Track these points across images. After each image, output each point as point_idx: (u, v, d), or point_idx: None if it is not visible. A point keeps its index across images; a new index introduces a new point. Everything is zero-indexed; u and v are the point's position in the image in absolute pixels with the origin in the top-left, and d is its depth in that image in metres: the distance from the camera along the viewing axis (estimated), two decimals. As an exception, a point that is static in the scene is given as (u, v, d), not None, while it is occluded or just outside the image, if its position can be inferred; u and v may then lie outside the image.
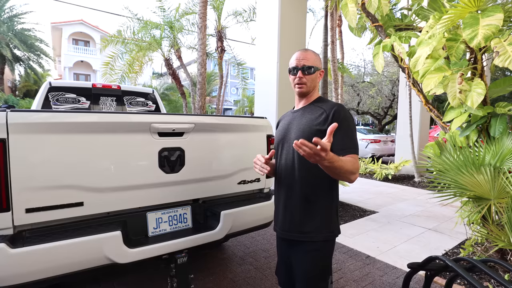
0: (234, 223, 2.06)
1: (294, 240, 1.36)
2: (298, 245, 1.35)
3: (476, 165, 2.34)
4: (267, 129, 2.38)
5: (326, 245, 1.34)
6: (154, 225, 1.86)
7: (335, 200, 1.38)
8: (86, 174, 1.61)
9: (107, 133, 1.67)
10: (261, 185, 2.37)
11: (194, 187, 2.01)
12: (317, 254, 1.32)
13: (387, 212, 4.51)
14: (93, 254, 1.56)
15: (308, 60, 1.38)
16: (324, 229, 1.32)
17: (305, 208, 1.33)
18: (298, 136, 1.33)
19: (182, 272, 1.80)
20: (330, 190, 1.35)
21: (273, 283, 2.47)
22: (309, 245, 1.32)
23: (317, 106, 1.38)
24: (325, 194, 1.34)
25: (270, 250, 3.14)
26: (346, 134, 1.27)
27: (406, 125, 7.17)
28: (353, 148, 1.26)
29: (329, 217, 1.34)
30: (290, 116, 1.49)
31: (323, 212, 1.34)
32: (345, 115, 1.30)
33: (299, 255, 1.34)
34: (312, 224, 1.32)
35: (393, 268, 2.72)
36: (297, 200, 1.35)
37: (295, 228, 1.35)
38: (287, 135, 1.42)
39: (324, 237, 1.32)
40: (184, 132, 1.93)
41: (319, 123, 1.31)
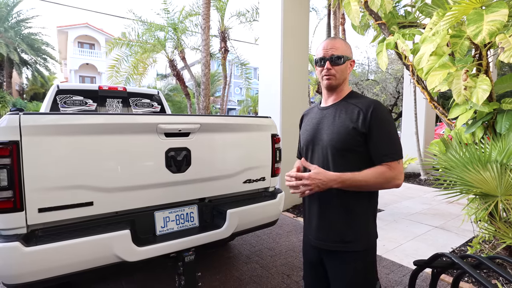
0: (240, 221, 2.08)
1: (332, 250, 1.25)
2: (337, 255, 1.25)
3: (482, 162, 2.33)
4: (271, 128, 2.40)
5: (369, 253, 1.26)
6: (161, 224, 1.89)
7: (374, 206, 1.30)
8: (96, 175, 1.64)
9: (115, 134, 1.70)
10: (266, 184, 2.38)
11: (200, 186, 2.03)
12: (360, 263, 1.23)
13: (393, 210, 4.50)
14: (103, 252, 1.60)
15: (337, 49, 1.24)
16: (365, 237, 1.24)
17: (344, 217, 1.22)
18: (333, 139, 1.21)
19: (189, 270, 1.83)
20: (368, 196, 1.24)
21: (279, 282, 2.49)
22: (351, 255, 1.22)
23: (351, 104, 1.24)
24: (363, 201, 1.23)
25: (275, 248, 3.16)
26: (384, 137, 1.16)
27: (411, 123, 7.12)
28: (393, 154, 1.14)
29: (367, 224, 1.25)
30: (318, 113, 1.33)
31: (363, 219, 1.24)
32: (383, 116, 1.18)
33: (341, 266, 1.24)
34: (352, 233, 1.22)
35: (400, 266, 2.71)
36: (335, 208, 1.23)
37: (334, 237, 1.24)
38: (318, 135, 1.28)
39: (366, 246, 1.24)
40: (190, 132, 1.95)
41: (356, 123, 1.17)
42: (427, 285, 2.32)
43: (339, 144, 1.19)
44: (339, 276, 1.25)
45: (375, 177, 1.12)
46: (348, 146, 1.18)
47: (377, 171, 1.13)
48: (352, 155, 1.19)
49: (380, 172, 1.12)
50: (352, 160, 1.19)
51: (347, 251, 1.22)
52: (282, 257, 2.95)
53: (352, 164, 1.18)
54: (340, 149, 1.19)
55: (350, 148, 1.18)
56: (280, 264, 2.81)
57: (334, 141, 1.20)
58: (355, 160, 1.19)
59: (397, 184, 1.14)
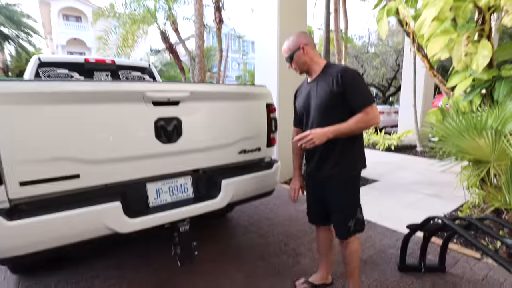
0: (235, 192, 2.07)
1: (327, 177, 1.65)
2: (335, 181, 1.63)
3: (478, 129, 2.31)
4: (266, 97, 2.33)
5: (357, 178, 1.68)
6: (154, 195, 1.87)
7: (360, 145, 1.67)
8: (81, 146, 1.57)
9: (99, 103, 1.62)
10: (262, 154, 2.35)
11: (193, 157, 1.99)
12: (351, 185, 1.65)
13: (388, 180, 4.55)
14: (94, 224, 1.59)
15: (285, 51, 1.68)
16: (353, 166, 1.64)
17: (336, 154, 1.61)
18: (318, 102, 1.61)
19: (185, 239, 1.83)
20: (354, 139, 1.61)
21: (276, 249, 2.54)
22: (341, 182, 1.63)
23: (326, 74, 1.61)
24: (349, 141, 1.59)
25: (273, 218, 3.20)
26: (354, 93, 1.51)
27: (410, 95, 7.04)
28: (364, 103, 1.50)
29: (355, 157, 1.64)
30: (307, 87, 1.74)
31: (350, 153, 1.61)
32: (351, 76, 1.53)
33: (338, 187, 1.64)
34: (343, 164, 1.61)
35: (393, 231, 2.77)
36: (328, 150, 1.61)
37: (329, 169, 1.63)
38: (309, 103, 1.68)
39: (354, 172, 1.65)
40: (180, 101, 1.88)
41: (332, 87, 1.54)
42: (419, 248, 2.38)
43: (324, 104, 1.58)
44: (336, 196, 1.65)
45: (356, 123, 1.49)
46: (331, 105, 1.56)
47: (357, 118, 1.50)
48: (335, 111, 1.56)
49: (358, 118, 1.49)
50: (336, 115, 1.54)
51: (339, 178, 1.63)
52: (279, 226, 3.00)
53: (338, 118, 1.53)
54: (325, 108, 1.58)
55: (332, 106, 1.56)
56: (278, 232, 2.86)
57: (320, 103, 1.60)
58: (339, 114, 1.54)
59: (376, 122, 1.51)
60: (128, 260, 2.43)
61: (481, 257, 2.24)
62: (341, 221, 1.65)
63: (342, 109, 1.55)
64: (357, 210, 1.66)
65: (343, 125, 1.49)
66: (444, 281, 2.02)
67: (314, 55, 1.67)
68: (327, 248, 1.94)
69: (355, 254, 1.71)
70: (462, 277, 2.06)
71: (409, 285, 1.99)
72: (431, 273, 2.09)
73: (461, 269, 2.15)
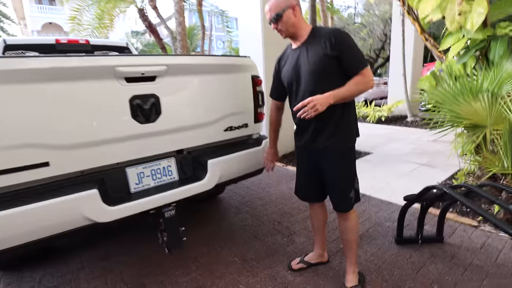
0: (223, 172, 1.95)
1: (322, 149, 1.55)
2: (330, 152, 1.54)
3: (473, 92, 2.21)
4: (251, 69, 2.16)
5: (353, 149, 1.59)
6: (136, 180, 1.74)
7: (354, 114, 1.59)
8: (47, 131, 1.41)
9: (65, 81, 1.44)
10: (249, 131, 2.22)
11: (176, 137, 1.85)
12: (347, 156, 1.57)
13: (380, 152, 4.51)
14: (70, 215, 1.45)
15: (272, 9, 1.48)
16: (349, 137, 1.55)
17: (331, 125, 1.50)
18: (311, 68, 1.46)
19: (171, 225, 1.72)
20: (347, 109, 1.52)
21: (270, 229, 2.47)
22: (337, 153, 1.54)
23: (317, 37, 1.47)
24: (342, 113, 1.50)
25: (266, 198, 3.13)
26: (350, 55, 1.41)
27: (399, 64, 6.91)
28: (360, 65, 1.41)
29: (350, 127, 1.55)
30: (293, 54, 1.57)
31: (345, 124, 1.53)
32: (345, 38, 1.42)
33: (330, 163, 1.56)
34: (341, 134, 1.52)
35: (388, 203, 2.73)
36: (324, 121, 1.49)
37: (324, 141, 1.53)
38: (299, 71, 1.52)
39: (350, 143, 1.57)
40: (156, 76, 1.70)
41: (326, 50, 1.41)
42: (415, 219, 2.34)
43: (317, 70, 1.44)
44: (334, 168, 1.56)
45: (356, 85, 1.41)
46: (325, 70, 1.43)
47: (355, 80, 1.41)
48: (330, 77, 1.44)
49: (357, 81, 1.41)
50: (332, 81, 1.42)
51: (339, 147, 1.53)
52: (272, 205, 2.92)
53: (334, 84, 1.41)
54: (319, 74, 1.45)
55: (327, 71, 1.43)
56: (271, 212, 2.79)
57: (313, 70, 1.45)
58: (334, 80, 1.42)
59: (372, 85, 1.44)
60: (116, 250, 2.33)
61: (478, 224, 2.21)
62: (342, 193, 1.58)
63: (337, 74, 1.44)
64: (355, 180, 1.61)
65: (343, 89, 1.39)
66: (443, 251, 1.98)
67: (302, 19, 1.53)
68: (321, 225, 1.86)
69: (356, 227, 1.67)
70: (460, 246, 2.03)
71: (407, 259, 1.94)
72: (429, 244, 2.05)
73: (459, 238, 2.12)
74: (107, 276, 2.03)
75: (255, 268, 1.98)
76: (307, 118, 1.36)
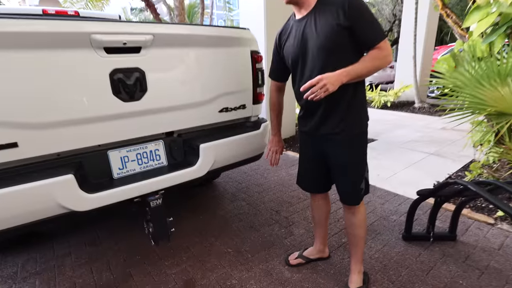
0: (217, 157, 1.77)
1: (331, 135, 1.36)
2: (335, 141, 1.37)
3: (501, 76, 1.97)
4: (250, 43, 1.92)
5: (364, 135, 1.40)
6: (119, 165, 1.56)
7: (364, 95, 1.39)
8: (13, 106, 1.22)
9: (31, 50, 1.23)
10: (247, 113, 2.01)
11: (164, 117, 1.65)
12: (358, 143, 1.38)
13: (386, 139, 4.30)
14: (42, 203, 1.29)
15: None
16: (359, 121, 1.36)
17: (342, 108, 1.31)
18: (321, 41, 1.23)
19: (158, 215, 1.56)
20: (359, 88, 1.34)
21: (267, 218, 2.32)
22: (348, 139, 1.35)
23: (326, 5, 1.25)
24: (354, 93, 1.31)
25: (263, 184, 2.96)
26: (366, 26, 1.20)
27: (409, 47, 6.54)
28: (377, 38, 1.20)
29: (362, 110, 1.38)
30: (297, 26, 1.33)
31: (357, 106, 1.34)
32: (360, 6, 1.20)
33: (339, 150, 1.37)
34: (349, 120, 1.33)
35: (395, 195, 2.56)
36: (334, 102, 1.30)
37: (334, 126, 1.34)
38: (305, 44, 1.30)
39: (361, 128, 1.38)
40: (142, 47, 1.48)
41: (338, 19, 1.19)
42: (424, 213, 2.18)
43: (328, 44, 1.22)
44: (343, 156, 1.37)
45: (372, 61, 1.20)
46: (337, 43, 1.22)
47: (371, 55, 1.21)
48: (343, 52, 1.23)
49: (374, 55, 1.21)
50: (343, 56, 1.23)
51: (350, 133, 1.34)
52: (270, 193, 2.76)
53: (346, 60, 1.20)
54: (330, 49, 1.23)
55: (338, 44, 1.22)
56: (269, 200, 2.63)
57: (323, 42, 1.23)
58: (347, 56, 1.23)
59: (389, 60, 1.22)
60: (104, 235, 2.20)
61: (494, 222, 2.03)
62: (352, 184, 1.40)
63: (350, 49, 1.23)
64: (365, 169, 1.43)
65: (357, 65, 1.18)
66: (456, 250, 1.81)
67: None
68: (324, 218, 1.69)
69: (364, 221, 1.50)
70: (475, 246, 1.84)
71: (416, 258, 1.78)
72: (440, 243, 1.88)
73: (473, 237, 1.93)
74: (93, 263, 1.90)
75: (249, 262, 1.84)
76: (316, 99, 1.15)
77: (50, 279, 1.78)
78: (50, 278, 1.79)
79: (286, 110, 1.88)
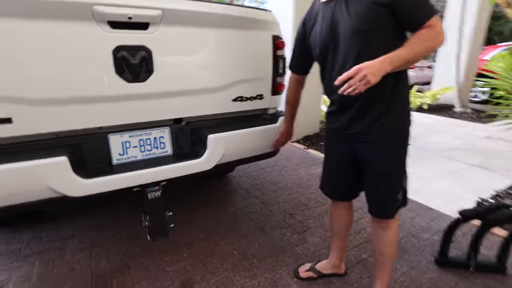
0: (226, 150, 1.61)
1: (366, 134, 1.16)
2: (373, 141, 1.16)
3: None
4: (272, 27, 1.73)
5: (406, 135, 1.19)
6: (119, 150, 1.44)
7: (406, 87, 1.17)
8: (7, 79, 1.14)
9: (30, 19, 1.13)
10: (265, 104, 1.82)
11: (171, 103, 1.51)
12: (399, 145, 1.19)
13: (421, 144, 3.91)
14: (30, 184, 1.20)
15: None
16: (400, 119, 1.16)
17: (383, 101, 1.11)
18: (355, 23, 1.04)
19: (155, 209, 1.43)
20: (403, 78, 1.13)
21: (279, 220, 2.14)
22: (390, 137, 1.16)
23: None
24: (396, 84, 1.11)
25: (280, 182, 2.77)
26: (410, 0, 0.98)
27: (453, 44, 5.87)
28: (425, 15, 0.98)
29: (405, 104, 1.17)
30: (324, 9, 1.15)
31: (399, 100, 1.14)
32: None
33: (377, 152, 1.17)
34: (391, 115, 1.13)
35: (427, 209, 2.26)
36: (372, 99, 1.11)
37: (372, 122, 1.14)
38: (336, 30, 1.10)
39: (405, 126, 1.18)
40: (150, 23, 1.35)
41: None
42: (463, 234, 1.87)
43: (364, 26, 1.03)
44: (378, 160, 1.17)
45: (421, 42, 0.99)
46: (374, 25, 1.03)
47: (420, 36, 0.99)
48: (380, 36, 1.04)
49: (423, 35, 0.99)
50: (382, 41, 1.03)
51: (390, 131, 1.15)
52: (286, 193, 2.57)
53: (386, 44, 1.01)
54: (366, 32, 1.04)
55: (376, 27, 1.03)
56: (283, 200, 2.44)
57: (357, 25, 1.04)
58: (385, 39, 1.03)
59: (442, 40, 1.01)
60: (109, 221, 2.14)
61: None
62: (387, 193, 1.20)
63: (391, 31, 1.03)
64: (404, 177, 1.23)
65: (403, 49, 0.98)
66: (505, 286, 1.49)
67: None
68: (343, 229, 1.48)
69: (395, 239, 1.31)
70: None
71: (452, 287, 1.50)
72: (484, 273, 1.56)
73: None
74: (93, 249, 1.85)
75: (254, 268, 1.67)
76: (354, 94, 0.96)
77: (49, 261, 1.74)
78: (50, 259, 1.75)
79: (310, 106, 1.69)
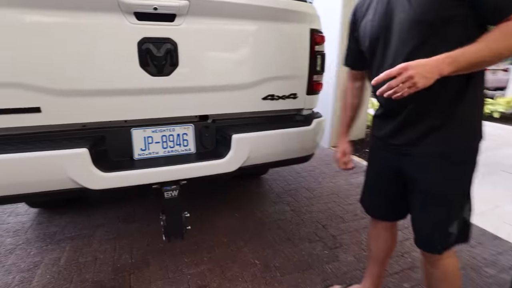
0: (252, 152, 1.48)
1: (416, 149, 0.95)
2: (424, 157, 0.95)
3: None
4: (312, 19, 1.56)
5: (474, 154, 0.95)
6: (141, 145, 1.41)
7: (480, 94, 0.92)
8: (37, 70, 1.17)
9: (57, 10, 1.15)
10: (298, 104, 1.66)
11: (196, 99, 1.44)
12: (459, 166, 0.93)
13: (488, 159, 3.35)
14: (51, 174, 1.21)
15: None
16: (465, 134, 0.92)
17: (440, 111, 0.89)
18: (415, 14, 0.84)
19: (172, 209, 1.37)
20: (473, 85, 0.87)
21: (310, 232, 1.95)
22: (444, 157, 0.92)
23: None
24: (462, 91, 0.87)
25: (315, 190, 2.57)
26: None
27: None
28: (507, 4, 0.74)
29: (474, 115, 0.92)
30: None
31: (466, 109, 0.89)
32: None
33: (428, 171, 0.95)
34: (449, 130, 0.90)
35: (494, 238, 1.87)
36: (425, 105, 0.90)
37: (424, 133, 0.93)
38: (389, 21, 0.92)
39: (471, 143, 0.94)
40: (176, 15, 1.28)
41: None
42: (539, 275, 1.49)
43: (428, 15, 0.82)
44: (429, 181, 0.95)
45: (505, 38, 0.73)
46: (440, 16, 0.81)
47: (499, 31, 0.75)
48: (446, 32, 0.81)
49: (504, 31, 0.74)
50: (447, 37, 0.81)
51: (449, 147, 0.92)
52: (321, 202, 2.36)
53: (448, 42, 0.79)
54: (428, 23, 0.83)
55: (443, 19, 0.81)
56: (317, 210, 2.24)
57: (419, 14, 0.83)
58: (452, 35, 0.81)
59: None
60: (139, 213, 2.19)
61: None
62: (435, 223, 0.97)
63: (460, 28, 0.81)
64: (466, 205, 0.97)
65: (471, 47, 0.75)
66: None
67: None
68: (383, 255, 1.26)
69: (455, 277, 1.04)
70: None
71: None
72: None
73: None
74: (119, 241, 1.88)
75: (276, 282, 1.52)
76: (396, 97, 0.78)
77: (78, 248, 1.80)
78: (79, 247, 1.82)
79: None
